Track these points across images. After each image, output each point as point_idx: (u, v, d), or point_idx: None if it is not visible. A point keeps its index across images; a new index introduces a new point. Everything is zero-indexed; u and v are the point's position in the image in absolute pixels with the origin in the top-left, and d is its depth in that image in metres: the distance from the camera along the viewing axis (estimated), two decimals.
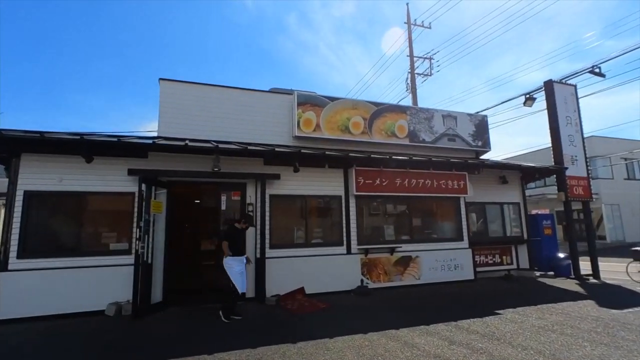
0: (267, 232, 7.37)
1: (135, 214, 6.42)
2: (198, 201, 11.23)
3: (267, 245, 7.34)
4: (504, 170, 10.28)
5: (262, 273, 7.12)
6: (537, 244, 10.84)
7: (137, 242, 6.02)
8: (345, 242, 8.07)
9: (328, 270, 7.74)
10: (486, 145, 11.50)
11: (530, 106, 13.21)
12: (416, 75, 19.75)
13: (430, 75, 20.44)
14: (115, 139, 6.14)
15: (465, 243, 9.15)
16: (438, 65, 20.37)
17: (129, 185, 6.73)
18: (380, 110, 10.47)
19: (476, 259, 9.38)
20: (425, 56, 20.44)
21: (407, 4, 19.69)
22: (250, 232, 7.35)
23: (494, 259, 10.29)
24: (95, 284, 6.26)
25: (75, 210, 6.52)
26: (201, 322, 5.72)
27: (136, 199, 6.45)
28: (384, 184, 8.36)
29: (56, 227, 6.48)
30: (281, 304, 6.77)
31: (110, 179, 6.70)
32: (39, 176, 6.32)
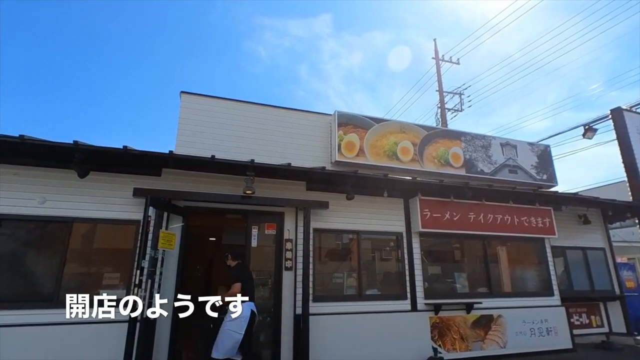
0: (310, 278, 5.49)
1: (138, 250, 4.64)
2: (214, 238, 9.43)
3: (310, 297, 5.42)
4: (584, 208, 8.44)
5: (304, 336, 5.14)
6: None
7: (136, 289, 4.19)
8: (409, 295, 6.11)
9: (388, 332, 5.73)
10: (552, 179, 9.75)
11: (591, 138, 11.65)
12: (446, 110, 18.59)
13: (461, 111, 19.27)
14: (120, 148, 4.56)
15: (556, 299, 7.10)
16: (470, 100, 19.20)
17: (133, 211, 5.04)
18: (432, 135, 8.96)
19: None
20: (455, 91, 19.47)
21: (435, 39, 19.00)
22: (287, 280, 5.50)
23: (580, 320, 8.12)
24: (76, 347, 4.38)
25: (56, 243, 4.78)
26: None
27: (140, 230, 4.70)
28: (455, 218, 6.56)
29: (29, 264, 4.72)
30: None
31: (109, 201, 5.04)
32: (13, 194, 4.68)
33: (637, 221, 9.59)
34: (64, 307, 4.48)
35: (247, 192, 5.16)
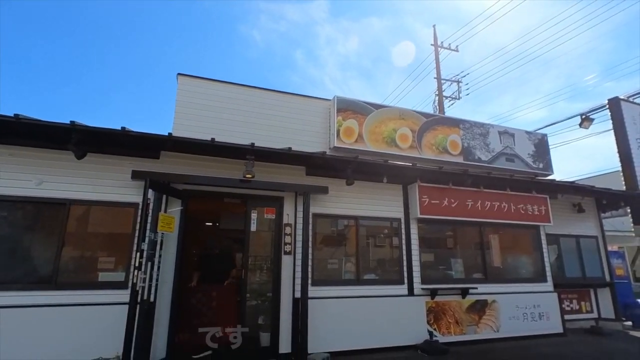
0: (309, 263, 5.52)
1: (137, 233, 4.61)
2: (210, 224, 9.40)
3: (309, 281, 5.46)
4: (580, 197, 8.54)
5: (303, 319, 5.20)
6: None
7: (136, 272, 4.18)
8: (406, 280, 6.19)
9: (385, 316, 5.82)
10: (548, 168, 9.80)
11: (587, 128, 11.70)
12: (444, 98, 18.50)
13: (459, 99, 19.19)
14: (118, 129, 4.47)
15: (549, 285, 7.25)
16: (468, 89, 19.12)
17: (132, 194, 4.99)
18: (431, 122, 8.92)
19: None
20: (453, 79, 19.38)
21: (434, 25, 18.77)
22: (286, 264, 5.53)
23: (571, 305, 8.32)
24: (74, 329, 4.40)
25: (54, 225, 4.74)
26: None
27: (140, 213, 4.66)
28: (453, 205, 6.60)
29: (26, 247, 4.68)
30: None
31: (107, 183, 4.99)
32: (9, 175, 4.61)
33: (628, 210, 9.74)
34: (63, 289, 4.53)
35: (247, 176, 5.13)
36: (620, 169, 9.70)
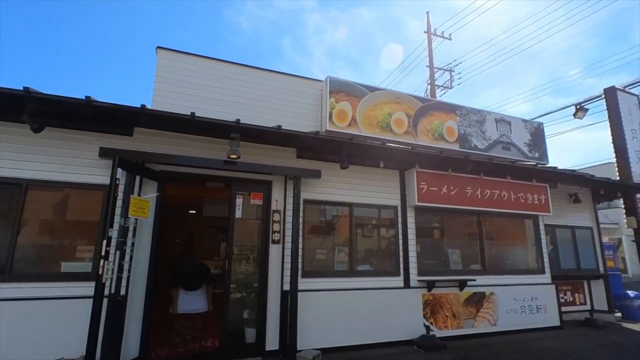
0: (299, 253, 5.07)
1: (105, 218, 4.04)
2: (194, 211, 8.84)
3: (299, 272, 5.02)
4: (577, 187, 8.31)
5: (292, 314, 4.76)
6: None
7: (102, 262, 3.65)
8: (402, 272, 5.81)
9: (380, 310, 5.44)
10: (543, 158, 9.56)
11: (581, 118, 11.55)
12: (436, 87, 18.16)
13: (451, 88, 18.88)
14: (82, 99, 3.87)
15: (547, 277, 7.01)
16: (459, 78, 18.82)
17: (101, 174, 4.41)
18: (427, 107, 8.52)
19: None
20: (445, 68, 19.06)
21: (428, 12, 18.33)
22: (274, 254, 5.07)
23: (565, 297, 8.13)
24: (32, 327, 3.86)
25: (7, 208, 4.14)
26: None
27: (108, 195, 4.08)
28: (452, 193, 6.23)
29: None
30: None
31: (72, 162, 4.39)
32: None
33: (622, 202, 9.62)
34: (19, 280, 3.97)
35: (232, 156, 4.60)
36: (611, 161, 9.59)
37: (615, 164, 9.45)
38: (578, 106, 11.41)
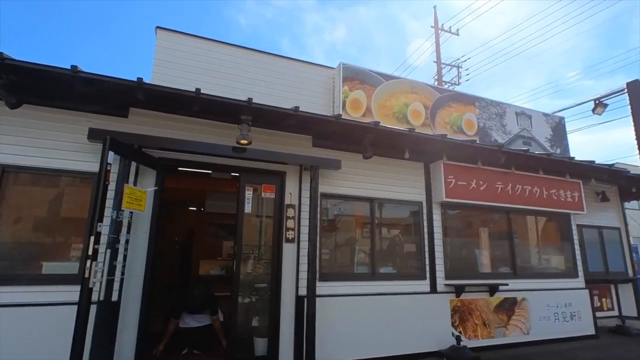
0: (317, 254, 4.46)
1: (93, 210, 3.41)
2: (194, 208, 8.20)
3: (317, 275, 4.41)
4: (607, 185, 7.75)
5: (310, 323, 4.15)
6: None
7: (90, 262, 3.02)
8: (428, 275, 5.22)
9: (405, 318, 4.85)
10: (565, 153, 9.07)
11: (600, 114, 11.01)
12: (443, 83, 17.62)
13: (459, 85, 18.36)
14: (65, 69, 3.25)
15: (580, 281, 6.43)
16: (467, 74, 18.30)
17: (90, 160, 3.80)
18: (445, 98, 8.03)
19: None
20: (453, 64, 18.55)
21: (435, 6, 17.76)
22: (288, 255, 4.46)
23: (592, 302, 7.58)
24: (5, 339, 3.22)
25: None
26: None
27: (97, 183, 3.45)
28: (481, 188, 5.64)
29: None
30: None
31: (57, 146, 3.78)
32: None
33: None
34: None
35: (242, 141, 4.00)
36: (616, 160, 9.10)
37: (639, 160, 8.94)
38: (597, 101, 10.88)
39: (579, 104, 12.29)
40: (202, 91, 3.73)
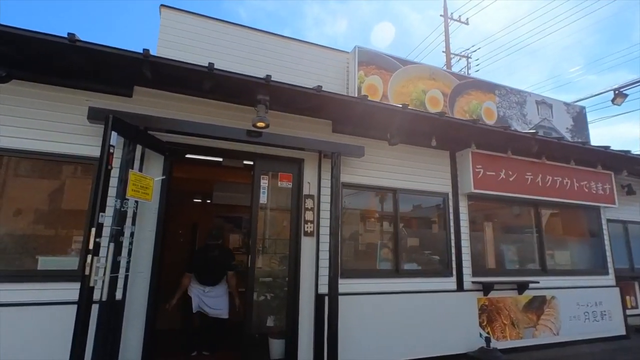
0: (340, 249, 4.09)
1: (93, 199, 3.00)
2: (199, 200, 7.81)
3: (339, 271, 4.04)
4: (635, 178, 7.35)
5: (332, 324, 3.79)
6: None
7: (91, 257, 2.64)
8: (454, 272, 4.85)
9: (430, 317, 4.50)
10: (586, 144, 8.69)
11: (619, 105, 10.57)
12: None
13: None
14: (62, 37, 2.84)
15: (610, 278, 6.08)
16: (477, 65, 17.82)
17: (91, 144, 3.40)
18: (464, 85, 7.60)
19: None
20: (462, 54, 18.10)
21: None
22: (307, 250, 4.09)
23: None
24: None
25: None
26: None
27: (99, 167, 3.05)
28: (510, 179, 5.25)
29: None
30: None
31: (51, 126, 3.37)
32: None
33: None
34: None
35: (259, 124, 3.60)
36: None
37: None
38: (617, 91, 10.43)
39: (597, 95, 11.86)
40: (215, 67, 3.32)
